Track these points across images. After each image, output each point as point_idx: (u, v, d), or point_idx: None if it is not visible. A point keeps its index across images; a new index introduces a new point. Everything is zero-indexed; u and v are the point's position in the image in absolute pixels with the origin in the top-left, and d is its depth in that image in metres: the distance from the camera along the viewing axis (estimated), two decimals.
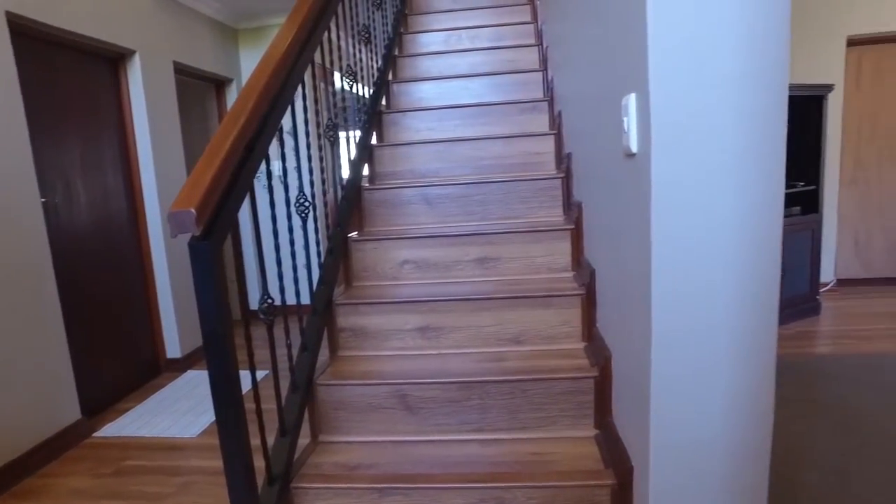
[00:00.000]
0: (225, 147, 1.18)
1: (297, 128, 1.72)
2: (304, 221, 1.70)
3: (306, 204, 1.67)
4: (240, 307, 1.63)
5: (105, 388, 3.06)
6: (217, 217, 1.15)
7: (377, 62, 2.85)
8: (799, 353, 3.12)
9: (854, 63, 4.22)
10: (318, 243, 1.92)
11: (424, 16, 3.63)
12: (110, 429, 2.78)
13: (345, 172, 2.22)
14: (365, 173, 2.48)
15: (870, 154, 4.33)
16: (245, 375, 1.22)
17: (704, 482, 1.13)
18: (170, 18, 3.61)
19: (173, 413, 2.92)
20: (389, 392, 1.67)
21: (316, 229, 1.90)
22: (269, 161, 1.48)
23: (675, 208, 1.03)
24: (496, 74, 2.94)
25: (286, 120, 2.20)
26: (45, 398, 2.52)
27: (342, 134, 2.31)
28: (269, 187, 1.47)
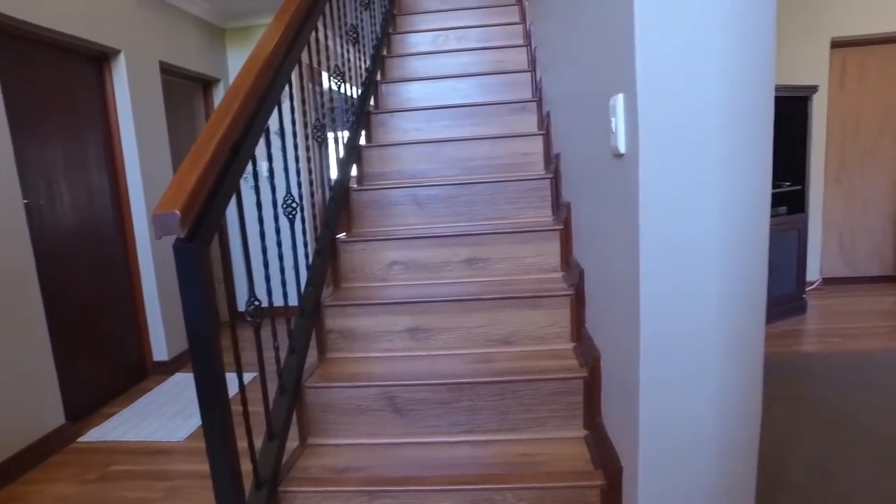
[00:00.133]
0: (210, 148, 1.17)
1: (285, 128, 1.71)
2: (292, 222, 1.69)
3: (294, 205, 1.66)
4: (227, 309, 1.62)
5: (90, 392, 3.02)
6: (202, 219, 1.13)
7: (365, 62, 2.84)
8: (785, 352, 3.15)
9: (838, 64, 4.27)
10: (306, 244, 1.91)
11: (413, 16, 3.62)
12: (95, 433, 2.74)
13: (333, 173, 2.21)
14: (353, 174, 2.47)
15: (854, 154, 4.38)
16: (232, 378, 1.21)
17: (693, 482, 1.14)
18: (155, 18, 3.57)
19: (160, 417, 2.88)
20: (378, 394, 1.66)
21: (304, 230, 1.88)
22: (256, 162, 1.47)
23: (663, 208, 1.04)
24: (485, 75, 2.93)
25: (273, 120, 2.20)
26: (28, 402, 2.48)
27: (330, 134, 2.29)
28: (256, 188, 1.45)
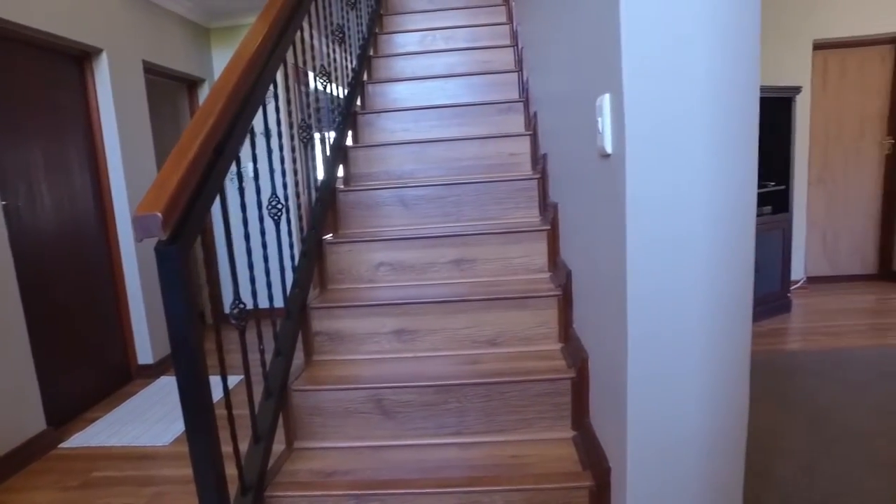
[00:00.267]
0: (193, 148, 1.15)
1: (269, 128, 1.69)
2: (278, 224, 1.67)
3: (279, 206, 1.64)
4: (211, 312, 1.59)
5: (72, 397, 2.97)
6: (185, 221, 1.12)
7: (352, 62, 2.83)
8: (771, 350, 3.18)
9: (820, 66, 4.33)
10: (292, 246, 1.89)
11: (400, 16, 3.60)
12: (78, 439, 2.69)
13: (319, 174, 2.19)
14: (340, 175, 2.45)
15: (836, 154, 4.44)
16: (217, 382, 1.19)
17: (681, 481, 1.14)
18: (139, 17, 3.52)
19: (145, 421, 2.84)
20: (366, 396, 1.64)
21: (289, 232, 1.86)
22: (241, 163, 1.45)
23: (650, 208, 1.04)
24: (472, 75, 2.93)
25: (258, 120, 2.17)
26: (7, 408, 2.42)
27: (316, 135, 2.27)
28: (241, 189, 1.44)
